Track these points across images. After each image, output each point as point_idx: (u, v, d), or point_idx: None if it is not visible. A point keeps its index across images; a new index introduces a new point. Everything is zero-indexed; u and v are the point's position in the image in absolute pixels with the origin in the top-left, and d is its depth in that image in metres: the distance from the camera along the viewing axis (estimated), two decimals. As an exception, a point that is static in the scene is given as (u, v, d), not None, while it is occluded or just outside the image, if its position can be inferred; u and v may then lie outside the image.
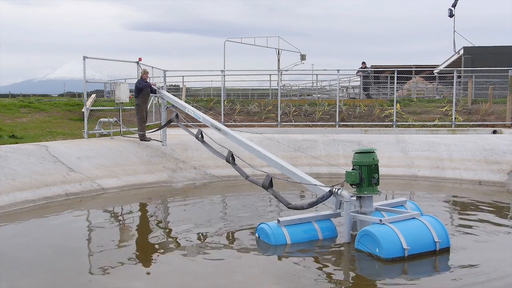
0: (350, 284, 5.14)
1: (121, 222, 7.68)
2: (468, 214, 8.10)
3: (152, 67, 15.63)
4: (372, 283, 5.18)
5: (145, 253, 6.12)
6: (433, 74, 33.79)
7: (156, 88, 12.20)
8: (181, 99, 13.75)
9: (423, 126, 16.69)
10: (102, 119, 13.31)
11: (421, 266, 5.51)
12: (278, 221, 6.31)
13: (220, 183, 10.94)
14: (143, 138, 12.30)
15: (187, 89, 24.23)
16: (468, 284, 5.04)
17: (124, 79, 15.51)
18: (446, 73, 28.51)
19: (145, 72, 12.50)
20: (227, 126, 9.88)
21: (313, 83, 29.65)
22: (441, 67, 33.84)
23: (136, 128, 12.76)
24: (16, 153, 9.52)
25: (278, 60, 31.93)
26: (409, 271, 5.36)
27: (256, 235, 6.46)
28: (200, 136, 9.42)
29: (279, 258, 5.80)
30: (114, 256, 5.85)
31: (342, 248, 6.09)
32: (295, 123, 17.31)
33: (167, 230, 7.23)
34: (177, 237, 6.71)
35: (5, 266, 5.44)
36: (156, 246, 6.39)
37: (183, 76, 22.97)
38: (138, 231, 7.21)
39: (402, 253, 5.53)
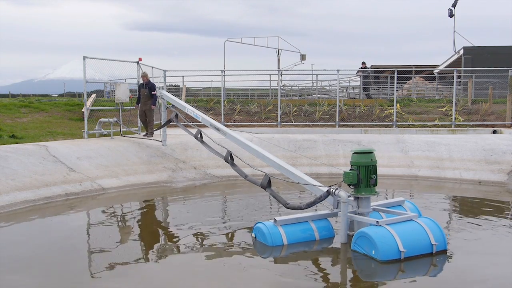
0: (347, 285, 5.16)
1: (121, 222, 7.70)
2: (467, 214, 8.11)
3: (152, 67, 15.68)
4: (369, 283, 5.19)
5: (145, 253, 6.14)
6: (433, 74, 33.79)
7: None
8: (181, 99, 13.82)
9: (423, 126, 16.70)
10: (102, 119, 13.37)
11: (417, 267, 5.52)
12: (275, 220, 6.31)
13: (220, 183, 10.96)
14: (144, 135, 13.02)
15: (187, 89, 24.26)
16: (465, 285, 5.07)
17: (124, 79, 15.56)
18: (446, 73, 28.52)
19: (143, 75, 13.06)
20: (227, 126, 9.90)
21: (313, 83, 29.68)
22: (441, 67, 33.84)
23: (136, 128, 13.18)
24: (16, 153, 9.54)
25: (278, 60, 31.94)
26: (405, 272, 5.38)
27: (253, 234, 6.47)
28: (199, 136, 9.44)
29: (276, 258, 5.81)
30: (114, 256, 5.88)
31: (339, 249, 6.10)
32: (295, 123, 17.33)
33: (167, 230, 7.26)
34: (176, 237, 6.74)
35: (5, 266, 5.46)
36: (156, 246, 6.41)
37: (183, 76, 23.03)
38: (138, 231, 7.24)
39: (398, 255, 5.53)
